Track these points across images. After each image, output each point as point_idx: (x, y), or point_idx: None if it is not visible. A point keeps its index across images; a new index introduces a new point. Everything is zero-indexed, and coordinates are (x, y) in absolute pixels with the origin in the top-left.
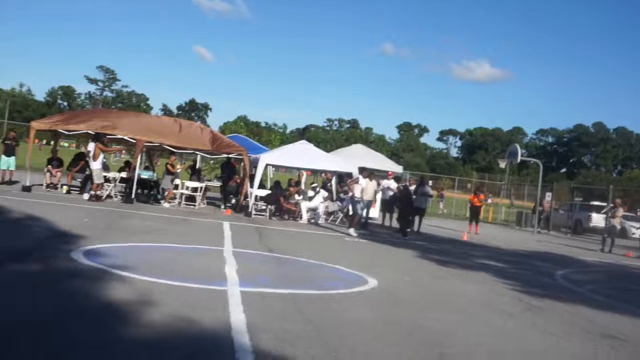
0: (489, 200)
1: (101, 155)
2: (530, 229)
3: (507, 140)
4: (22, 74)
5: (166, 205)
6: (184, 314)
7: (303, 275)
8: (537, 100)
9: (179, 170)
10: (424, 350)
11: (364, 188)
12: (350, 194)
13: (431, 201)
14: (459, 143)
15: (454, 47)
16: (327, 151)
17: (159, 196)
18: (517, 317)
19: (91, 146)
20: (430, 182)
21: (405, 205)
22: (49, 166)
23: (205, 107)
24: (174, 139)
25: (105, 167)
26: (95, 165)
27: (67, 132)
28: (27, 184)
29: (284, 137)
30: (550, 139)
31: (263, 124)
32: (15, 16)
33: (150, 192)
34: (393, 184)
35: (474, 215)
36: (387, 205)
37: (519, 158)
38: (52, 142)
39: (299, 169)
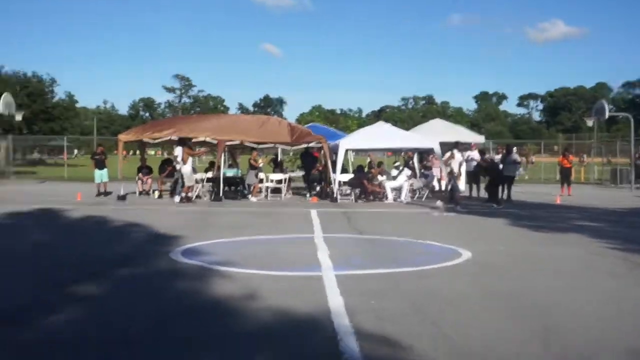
0: (585, 159)
1: (190, 159)
2: (627, 186)
3: (592, 98)
4: (105, 92)
5: (253, 199)
6: (283, 302)
7: (395, 254)
8: (618, 53)
9: (261, 165)
10: (528, 321)
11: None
12: (437, 169)
13: (520, 168)
14: (540, 106)
15: (524, 10)
16: (406, 129)
17: (246, 191)
18: (625, 278)
19: (177, 151)
20: (515, 149)
21: (494, 175)
22: (140, 174)
23: (280, 102)
24: (253, 135)
25: (193, 169)
26: (186, 169)
27: (152, 141)
28: (122, 193)
29: (361, 121)
30: (638, 91)
31: (338, 111)
32: (90, 37)
33: (236, 188)
34: (476, 155)
35: (565, 177)
36: (472, 177)
37: (607, 114)
38: (138, 152)
39: (379, 150)
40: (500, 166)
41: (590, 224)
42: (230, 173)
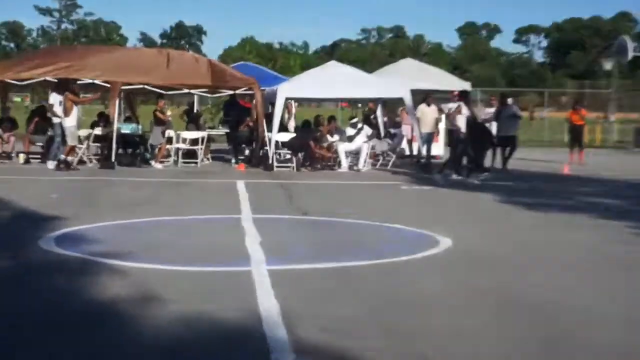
0: (612, 118)
1: (74, 110)
2: None
3: (611, 33)
4: None
5: (158, 166)
6: (197, 308)
7: (351, 242)
8: None
9: (170, 119)
10: (524, 330)
11: (423, 117)
12: (408, 127)
13: (520, 124)
14: (544, 43)
15: None
16: (367, 72)
17: (148, 155)
18: None
19: (54, 98)
20: (511, 100)
21: (476, 135)
22: None
23: (198, 31)
24: (160, 77)
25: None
26: (69, 122)
27: (18, 83)
28: None
29: (307, 60)
30: None
31: (277, 46)
32: None
33: (135, 151)
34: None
35: (576, 138)
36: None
37: (630, 54)
38: None
39: (330, 100)
40: (492, 124)
41: (607, 201)
42: (128, 129)
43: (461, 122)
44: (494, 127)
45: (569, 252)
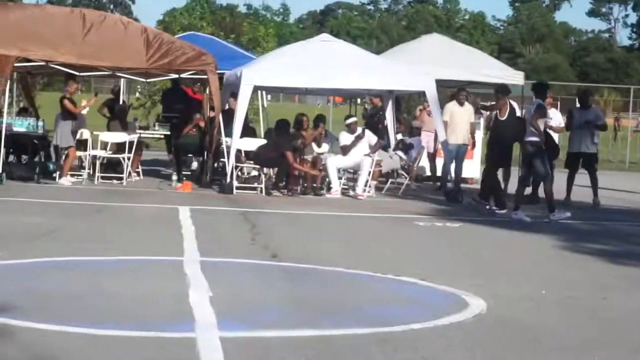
0: None
1: None
2: None
3: None
4: None
5: (66, 182)
6: None
7: (340, 300)
8: None
9: (85, 111)
10: None
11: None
12: (430, 135)
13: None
14: (632, 18)
15: None
16: (374, 52)
17: (51, 166)
18: None
19: None
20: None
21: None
22: None
23: None
24: (73, 50)
25: None
26: None
27: None
28: None
29: (286, 31)
30: None
31: (243, 9)
32: None
33: (33, 158)
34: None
35: None
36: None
37: None
38: None
39: (319, 91)
40: (555, 136)
41: None
42: (22, 127)
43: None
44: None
45: None
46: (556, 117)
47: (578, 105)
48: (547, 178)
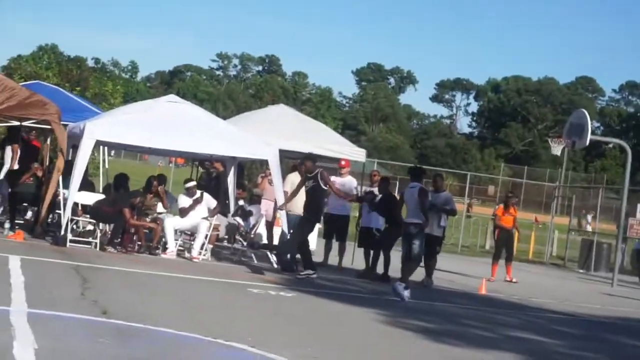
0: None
1: None
2: (606, 275)
3: (566, 103)
4: None
5: None
6: None
7: None
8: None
9: None
10: None
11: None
12: (269, 203)
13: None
14: (473, 107)
15: None
16: (221, 117)
17: None
18: None
19: None
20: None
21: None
22: None
23: None
24: None
25: None
26: None
27: None
28: None
29: (133, 88)
30: None
31: (91, 63)
32: None
33: None
34: (353, 183)
35: (504, 245)
36: (337, 226)
37: (588, 137)
38: None
39: (162, 152)
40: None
41: (533, 337)
42: None
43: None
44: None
45: None
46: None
47: (431, 188)
48: (419, 260)
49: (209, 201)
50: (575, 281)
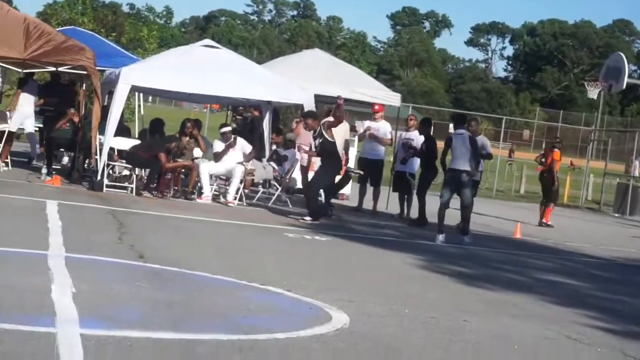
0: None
1: None
2: None
3: (602, 46)
4: None
5: None
6: None
7: (203, 305)
8: None
9: None
10: None
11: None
12: (305, 148)
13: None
14: (509, 50)
15: None
16: (255, 62)
17: None
18: None
19: None
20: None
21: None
22: None
23: None
24: None
25: None
26: None
27: None
28: None
29: (167, 34)
30: None
31: (126, 8)
32: None
33: None
34: (387, 127)
35: (546, 189)
36: (372, 170)
37: (625, 80)
38: None
39: (196, 97)
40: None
41: (570, 282)
42: None
43: None
44: None
45: (509, 350)
46: (418, 139)
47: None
48: (472, 206)
49: (244, 146)
50: (611, 225)
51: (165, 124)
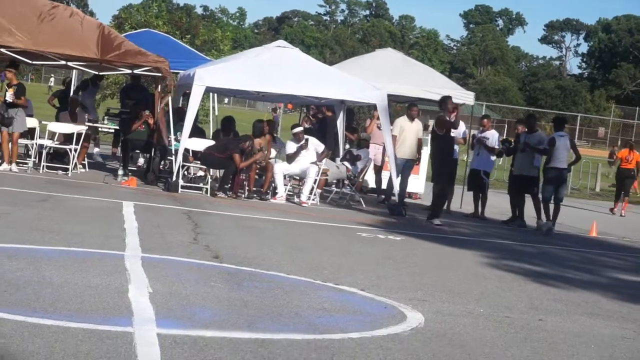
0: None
1: None
2: None
3: None
4: None
5: (9, 167)
6: None
7: (278, 305)
8: None
9: (9, 99)
10: None
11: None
12: (377, 147)
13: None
14: (583, 47)
15: None
16: (328, 62)
17: None
18: None
19: None
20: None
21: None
22: None
23: None
24: (28, 37)
25: None
26: None
27: None
28: None
29: (241, 35)
30: None
31: (199, 10)
32: None
33: None
34: (462, 127)
35: (623, 185)
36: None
37: None
38: None
39: (271, 96)
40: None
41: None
42: None
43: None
44: None
45: (589, 349)
46: (493, 138)
47: (525, 128)
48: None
49: (317, 146)
50: None
51: (235, 121)
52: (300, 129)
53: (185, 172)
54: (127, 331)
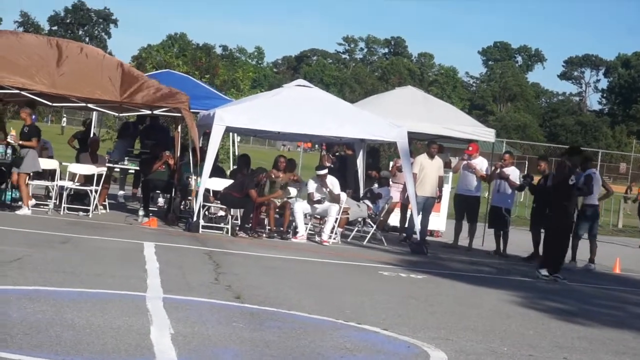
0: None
1: None
2: None
3: None
4: None
5: (25, 211)
6: None
7: (302, 345)
8: None
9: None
10: None
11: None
12: (398, 187)
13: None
14: (603, 83)
15: None
16: (348, 100)
17: (13, 194)
18: None
19: None
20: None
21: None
22: None
23: (105, 18)
24: (48, 79)
25: None
26: None
27: None
28: None
29: (260, 74)
30: None
31: (219, 50)
32: None
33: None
34: (484, 164)
35: None
36: (468, 207)
37: None
38: None
39: (291, 136)
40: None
41: None
42: None
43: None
44: None
45: None
46: (514, 174)
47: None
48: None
49: (335, 186)
50: None
51: (250, 159)
52: (325, 171)
53: (206, 212)
54: None
